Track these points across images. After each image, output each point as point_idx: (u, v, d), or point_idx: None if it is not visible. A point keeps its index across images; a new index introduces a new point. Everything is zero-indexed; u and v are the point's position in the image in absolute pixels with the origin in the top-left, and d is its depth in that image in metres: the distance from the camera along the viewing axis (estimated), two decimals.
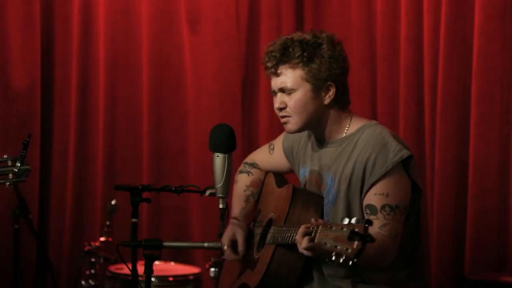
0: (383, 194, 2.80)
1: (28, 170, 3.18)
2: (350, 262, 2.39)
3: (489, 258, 4.31)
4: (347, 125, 2.95)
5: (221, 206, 2.73)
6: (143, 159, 5.21)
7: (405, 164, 2.83)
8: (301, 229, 2.59)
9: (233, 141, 2.73)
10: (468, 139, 4.35)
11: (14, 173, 3.15)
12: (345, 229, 2.41)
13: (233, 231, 3.18)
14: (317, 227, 2.50)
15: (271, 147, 3.27)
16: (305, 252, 2.58)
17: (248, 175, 3.29)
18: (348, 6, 4.95)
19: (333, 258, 2.41)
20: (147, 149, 5.21)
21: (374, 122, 2.96)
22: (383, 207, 2.78)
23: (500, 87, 4.30)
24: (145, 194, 2.83)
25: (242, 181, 3.29)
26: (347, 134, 2.93)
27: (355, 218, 2.43)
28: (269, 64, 2.94)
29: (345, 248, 2.39)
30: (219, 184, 2.71)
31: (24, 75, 5.04)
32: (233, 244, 3.16)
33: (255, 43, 5.29)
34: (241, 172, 3.31)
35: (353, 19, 4.90)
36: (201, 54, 5.22)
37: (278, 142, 3.23)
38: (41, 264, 5.06)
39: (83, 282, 4.49)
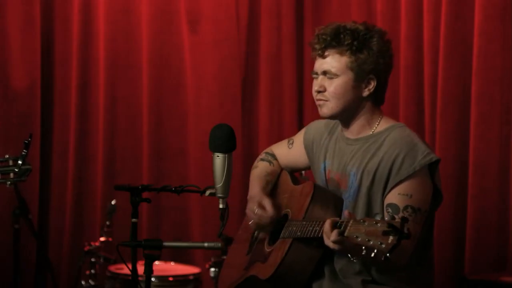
0: (406, 194, 2.80)
1: (29, 169, 3.18)
2: (383, 258, 2.40)
3: (489, 258, 4.31)
4: (377, 123, 2.96)
5: (221, 206, 2.72)
6: (143, 159, 5.21)
7: (430, 168, 2.85)
8: (329, 221, 2.59)
9: (233, 141, 2.73)
10: (468, 139, 4.35)
11: (15, 173, 3.15)
12: (379, 224, 2.42)
13: (258, 200, 3.11)
14: (348, 221, 2.50)
15: (291, 141, 3.27)
16: (331, 245, 2.59)
17: (270, 164, 3.29)
18: (348, 6, 4.95)
19: (363, 252, 2.42)
20: (147, 149, 5.21)
21: (402, 124, 2.99)
22: (405, 207, 2.79)
23: (500, 87, 4.30)
24: (145, 194, 2.83)
25: (263, 167, 3.27)
26: (375, 132, 2.95)
27: (387, 217, 2.44)
28: (317, 46, 2.95)
29: (378, 243, 2.40)
30: (219, 184, 2.71)
31: (24, 75, 5.04)
32: (262, 207, 3.10)
33: (255, 43, 5.29)
34: (262, 160, 3.30)
35: (353, 19, 4.88)
36: (201, 54, 5.22)
37: (299, 136, 3.22)
38: (41, 264, 5.06)
39: (83, 282, 4.49)
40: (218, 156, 2.70)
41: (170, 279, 4.35)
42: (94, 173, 5.17)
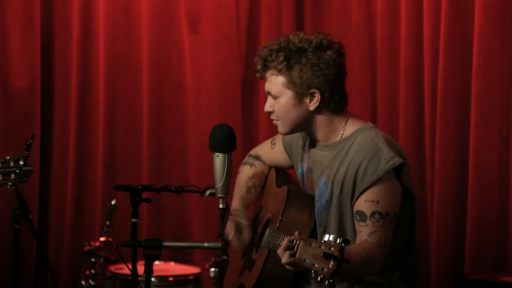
0: (373, 201, 2.78)
1: (30, 171, 3.18)
2: (326, 282, 2.37)
3: (489, 258, 4.30)
4: (342, 129, 2.92)
5: (221, 206, 2.73)
6: (143, 159, 5.21)
7: (397, 171, 2.82)
8: (284, 243, 2.54)
9: (233, 141, 2.73)
10: (468, 139, 4.34)
11: (16, 174, 3.15)
12: (322, 247, 2.38)
13: (236, 220, 3.17)
14: (299, 242, 2.46)
15: (273, 141, 3.27)
16: (286, 266, 2.55)
17: (251, 167, 3.30)
18: (348, 6, 4.94)
19: (312, 275, 2.39)
20: (147, 149, 5.21)
21: (369, 125, 2.93)
22: (372, 214, 2.77)
23: (500, 87, 4.30)
24: (145, 194, 2.83)
25: (244, 172, 3.29)
26: (342, 137, 2.92)
27: (332, 236, 2.39)
28: (256, 68, 2.99)
29: (321, 267, 2.37)
30: (219, 184, 2.71)
31: (24, 75, 5.04)
32: (238, 231, 3.15)
33: (255, 43, 5.29)
34: (244, 163, 3.32)
35: (353, 19, 4.89)
36: (201, 54, 5.22)
37: (279, 137, 3.22)
38: (41, 264, 5.06)
39: (83, 282, 4.49)
40: (218, 156, 2.71)
41: (170, 279, 4.35)
42: (94, 173, 5.17)
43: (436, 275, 4.41)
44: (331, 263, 2.34)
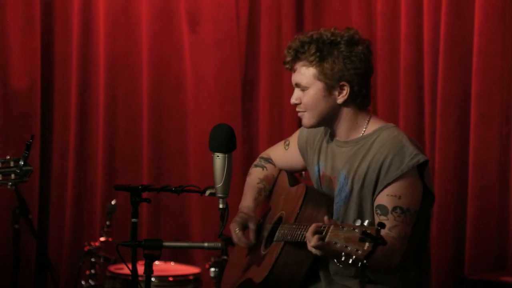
0: (395, 196, 2.81)
1: (30, 171, 3.18)
2: (360, 264, 2.39)
3: (489, 258, 4.30)
4: (365, 126, 2.96)
5: (221, 206, 2.73)
6: (143, 159, 5.21)
7: (420, 169, 2.85)
8: (312, 227, 2.58)
9: (233, 141, 2.73)
10: (468, 139, 4.34)
11: (16, 174, 3.15)
12: (357, 230, 2.40)
13: (245, 218, 3.17)
14: (329, 227, 2.49)
15: (287, 143, 3.28)
16: (313, 251, 2.58)
17: (263, 169, 3.31)
18: (348, 6, 4.94)
19: (343, 258, 2.41)
20: (147, 149, 5.21)
21: (392, 124, 2.97)
22: (394, 208, 2.79)
23: (500, 87, 4.30)
24: (145, 194, 2.83)
25: (256, 174, 3.30)
26: (364, 134, 2.95)
27: (367, 220, 2.42)
28: (286, 59, 2.99)
29: (355, 249, 2.39)
30: (219, 184, 2.71)
31: (24, 75, 5.04)
32: (245, 229, 3.16)
33: (255, 43, 5.29)
34: (256, 166, 3.33)
35: (353, 19, 4.89)
36: (201, 54, 5.22)
37: (294, 138, 3.23)
38: (41, 264, 5.06)
39: (83, 282, 4.49)
40: (218, 156, 2.71)
41: (170, 279, 4.35)
42: (94, 173, 5.17)
43: (436, 275, 4.41)
44: (367, 244, 2.37)
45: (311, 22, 5.18)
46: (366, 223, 2.41)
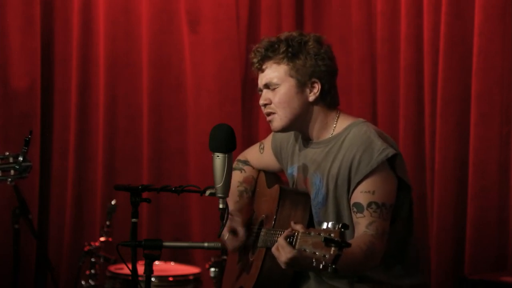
0: (369, 191, 2.81)
1: (29, 166, 3.18)
2: (329, 269, 2.36)
3: (489, 258, 4.30)
4: (334, 125, 2.96)
5: (221, 206, 2.73)
6: (143, 159, 5.21)
7: (391, 162, 2.84)
8: (280, 238, 2.54)
9: (233, 141, 2.73)
10: (468, 139, 4.34)
11: (15, 170, 3.15)
12: (321, 234, 2.38)
13: (230, 222, 3.18)
14: (298, 233, 2.48)
15: (261, 146, 3.29)
16: (283, 266, 2.55)
17: (241, 172, 3.32)
18: (348, 6, 4.94)
19: (314, 264, 2.39)
20: (147, 149, 5.21)
21: (361, 120, 2.96)
22: (369, 204, 2.79)
23: (500, 87, 4.29)
24: (145, 194, 2.83)
25: (235, 177, 3.28)
26: (333, 134, 2.95)
27: (331, 222, 2.40)
28: (254, 60, 3.00)
29: (323, 255, 2.37)
30: (219, 184, 2.71)
31: (24, 75, 5.04)
32: (233, 233, 3.17)
33: (255, 43, 5.23)
34: (234, 169, 3.31)
35: (353, 19, 4.90)
36: (201, 54, 5.22)
37: (268, 141, 3.25)
38: (41, 264, 5.06)
39: (83, 282, 4.49)
40: (218, 156, 2.71)
41: (170, 279, 4.36)
42: (94, 173, 5.17)
43: (436, 275, 4.41)
44: (333, 249, 2.35)
45: (311, 22, 5.18)
46: (330, 225, 2.38)
